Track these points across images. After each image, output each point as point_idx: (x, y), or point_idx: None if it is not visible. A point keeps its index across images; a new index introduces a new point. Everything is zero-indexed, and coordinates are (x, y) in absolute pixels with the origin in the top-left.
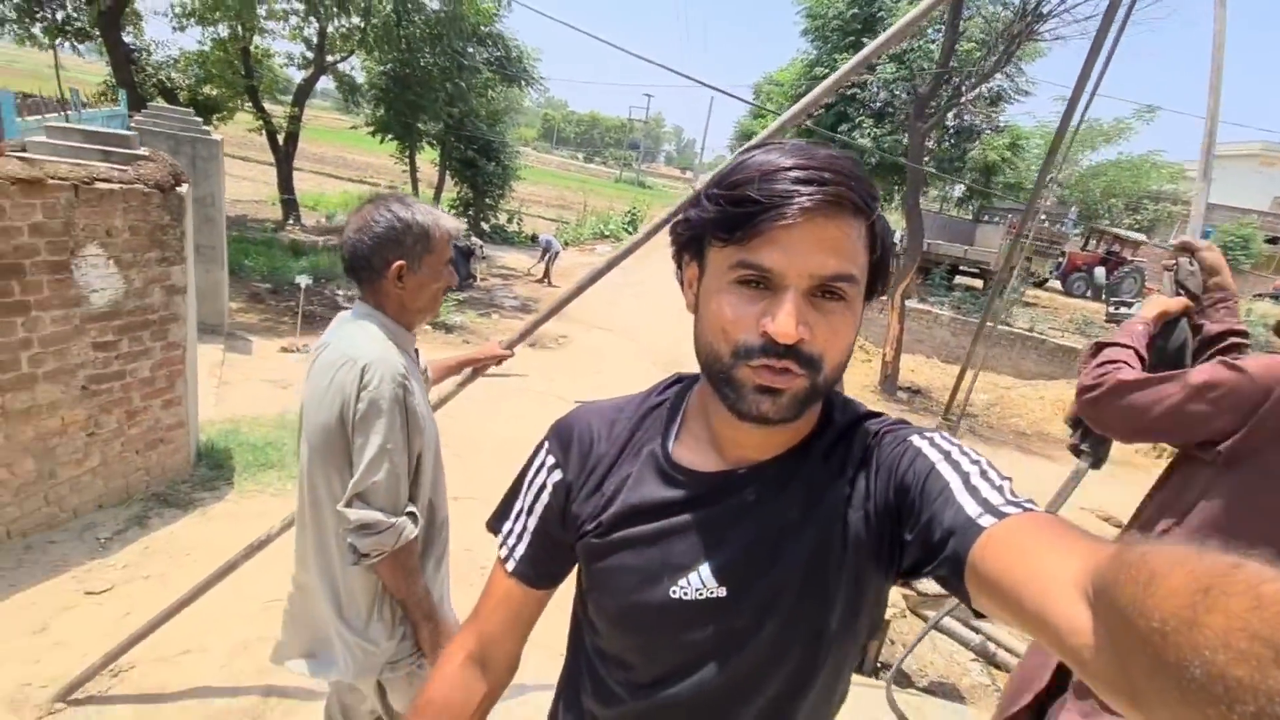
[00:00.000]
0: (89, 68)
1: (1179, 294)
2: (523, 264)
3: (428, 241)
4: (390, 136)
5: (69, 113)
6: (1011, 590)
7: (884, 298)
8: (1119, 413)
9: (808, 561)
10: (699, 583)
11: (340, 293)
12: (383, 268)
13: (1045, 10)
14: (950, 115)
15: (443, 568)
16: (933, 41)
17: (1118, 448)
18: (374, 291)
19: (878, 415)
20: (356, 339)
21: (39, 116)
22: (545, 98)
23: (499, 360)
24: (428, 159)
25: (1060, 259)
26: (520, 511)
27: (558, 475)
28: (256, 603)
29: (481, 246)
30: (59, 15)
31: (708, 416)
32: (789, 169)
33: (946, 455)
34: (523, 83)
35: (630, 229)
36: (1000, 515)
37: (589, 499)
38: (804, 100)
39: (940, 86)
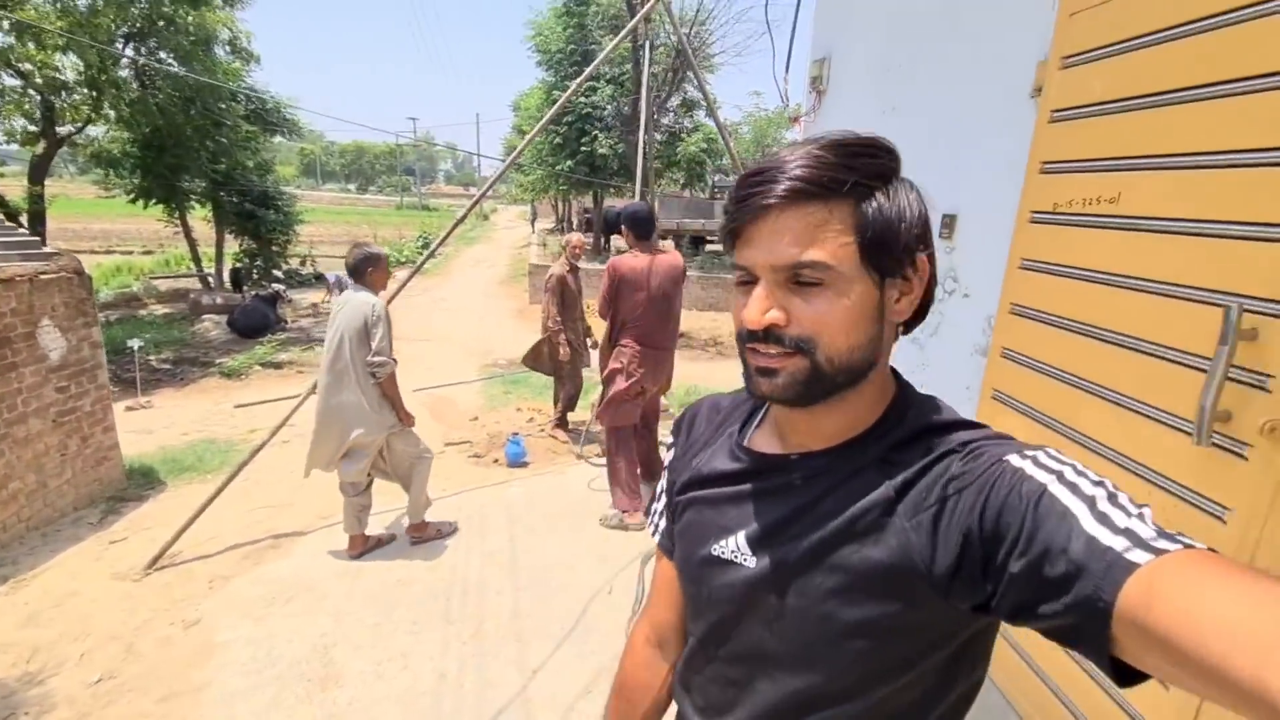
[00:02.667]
0: None
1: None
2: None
3: (378, 260)
4: (154, 201)
5: None
6: (1204, 656)
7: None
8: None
9: (829, 548)
10: (734, 546)
11: (152, 358)
12: (365, 271)
13: (694, 48)
14: (664, 121)
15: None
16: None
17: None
18: (362, 281)
19: (970, 425)
20: (366, 296)
21: None
22: (302, 134)
23: None
24: (200, 217)
25: None
26: (662, 490)
27: (672, 453)
28: (242, 512)
29: (285, 291)
30: None
31: (776, 407)
32: (757, 171)
33: (1059, 475)
34: (285, 131)
35: (424, 251)
36: (1155, 550)
37: (683, 470)
38: (543, 120)
39: (638, 106)
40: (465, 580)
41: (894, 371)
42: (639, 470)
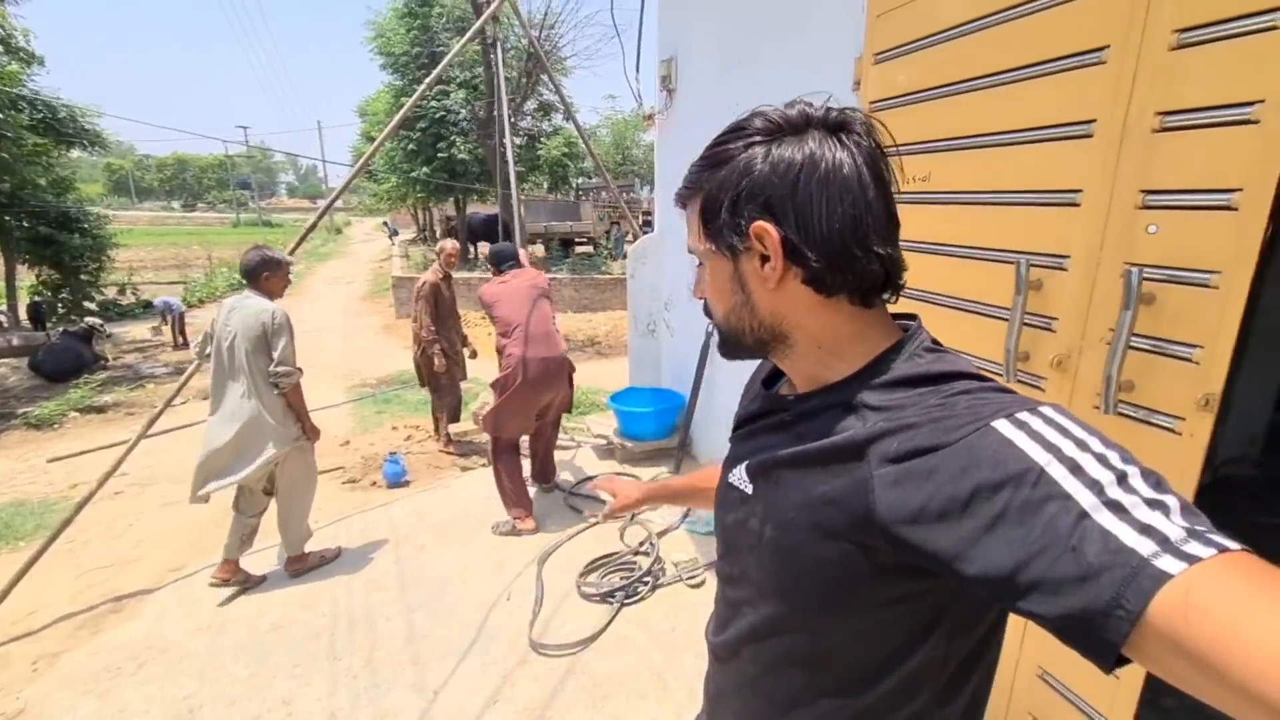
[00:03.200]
0: None
1: None
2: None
3: (278, 265)
4: None
5: None
6: (1254, 682)
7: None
8: None
9: (799, 484)
10: (740, 475)
11: None
12: (260, 276)
13: (545, 51)
14: (521, 125)
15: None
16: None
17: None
18: (258, 286)
19: (967, 376)
20: (260, 301)
21: None
22: (106, 146)
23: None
24: None
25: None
26: None
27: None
28: (72, 578)
29: (101, 325)
30: None
31: None
32: None
33: (1056, 452)
34: (85, 143)
35: None
36: (1188, 557)
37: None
38: (390, 125)
39: (493, 110)
40: (350, 612)
41: (906, 328)
42: (527, 474)
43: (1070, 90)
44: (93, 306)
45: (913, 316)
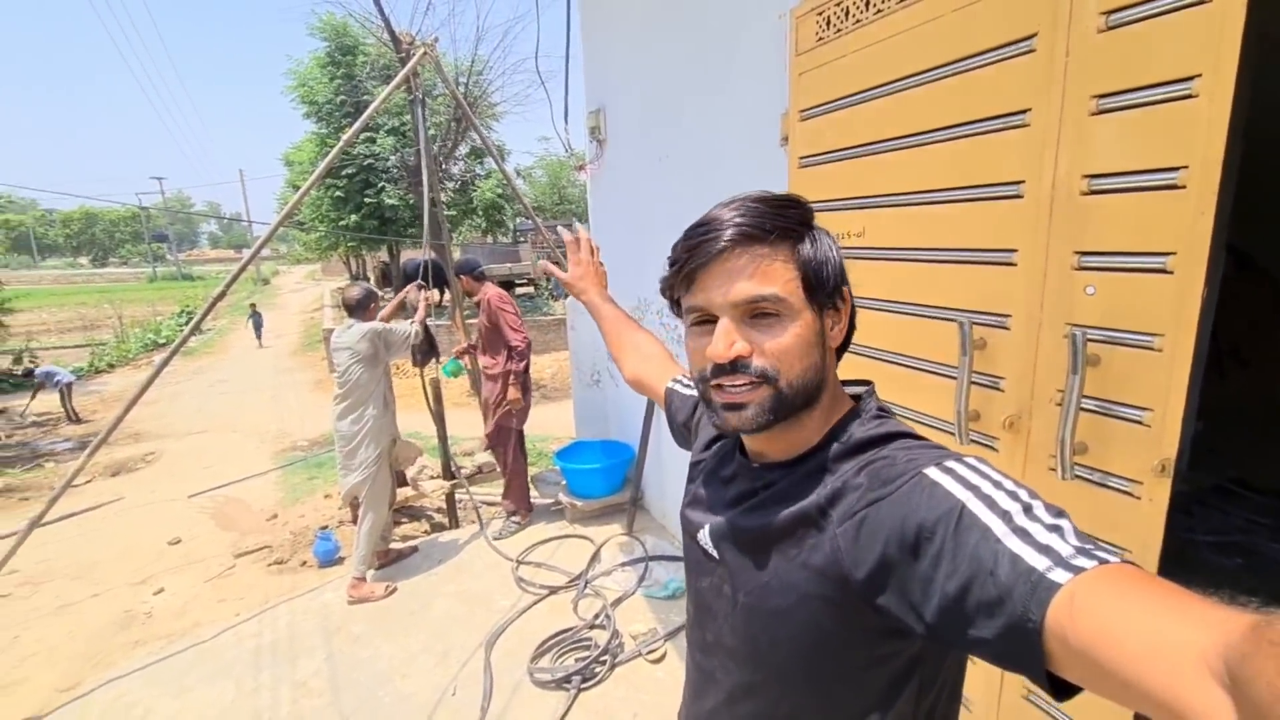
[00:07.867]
0: None
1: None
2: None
3: (377, 297)
4: None
5: None
6: (1124, 668)
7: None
8: None
9: (772, 553)
10: (706, 537)
11: None
12: (365, 307)
13: (474, 97)
14: (454, 170)
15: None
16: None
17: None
18: (362, 315)
19: (906, 435)
20: (363, 325)
21: None
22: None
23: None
24: None
25: None
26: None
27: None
28: None
29: None
30: None
31: None
32: (702, 224)
33: (975, 490)
34: None
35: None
36: (1074, 569)
37: (702, 433)
38: (314, 175)
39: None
40: None
41: (857, 392)
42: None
43: (994, 152)
44: None
45: (866, 382)
